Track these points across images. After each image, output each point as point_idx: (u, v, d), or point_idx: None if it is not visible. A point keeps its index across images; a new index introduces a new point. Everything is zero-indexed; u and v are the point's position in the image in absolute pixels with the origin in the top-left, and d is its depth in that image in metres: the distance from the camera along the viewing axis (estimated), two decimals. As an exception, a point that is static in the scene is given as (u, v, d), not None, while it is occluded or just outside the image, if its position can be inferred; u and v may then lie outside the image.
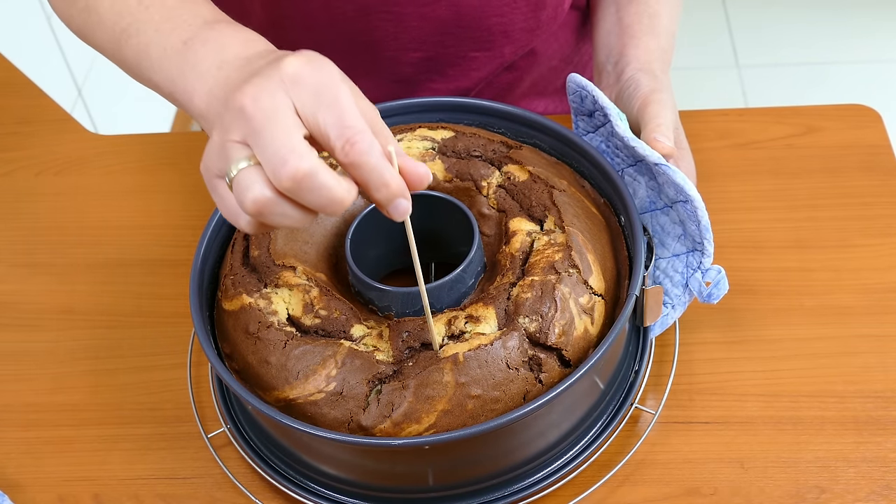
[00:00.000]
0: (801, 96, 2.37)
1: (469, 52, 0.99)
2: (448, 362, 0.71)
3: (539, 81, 1.09)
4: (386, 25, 0.95)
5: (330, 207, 0.60)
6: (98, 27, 0.78)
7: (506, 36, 0.98)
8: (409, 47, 0.98)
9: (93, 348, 0.90)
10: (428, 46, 0.98)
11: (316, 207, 0.61)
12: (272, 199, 0.60)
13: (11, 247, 0.99)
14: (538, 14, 0.97)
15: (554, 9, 0.98)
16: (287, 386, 0.74)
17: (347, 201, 0.61)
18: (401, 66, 1.00)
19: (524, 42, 1.00)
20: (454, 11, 0.94)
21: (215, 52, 0.68)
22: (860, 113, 1.01)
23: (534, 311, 0.73)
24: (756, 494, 0.77)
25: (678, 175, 0.77)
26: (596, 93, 0.82)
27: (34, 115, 1.11)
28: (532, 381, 0.73)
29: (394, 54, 0.98)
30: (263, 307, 0.77)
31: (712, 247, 0.79)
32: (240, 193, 0.61)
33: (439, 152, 0.85)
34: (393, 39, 0.97)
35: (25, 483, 0.82)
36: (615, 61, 0.91)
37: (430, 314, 0.72)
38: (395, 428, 0.71)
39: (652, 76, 0.87)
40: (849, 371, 0.83)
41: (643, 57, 0.90)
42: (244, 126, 0.60)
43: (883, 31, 2.53)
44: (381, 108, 0.89)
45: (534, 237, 0.79)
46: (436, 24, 0.96)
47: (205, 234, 0.82)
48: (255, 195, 0.60)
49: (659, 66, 0.90)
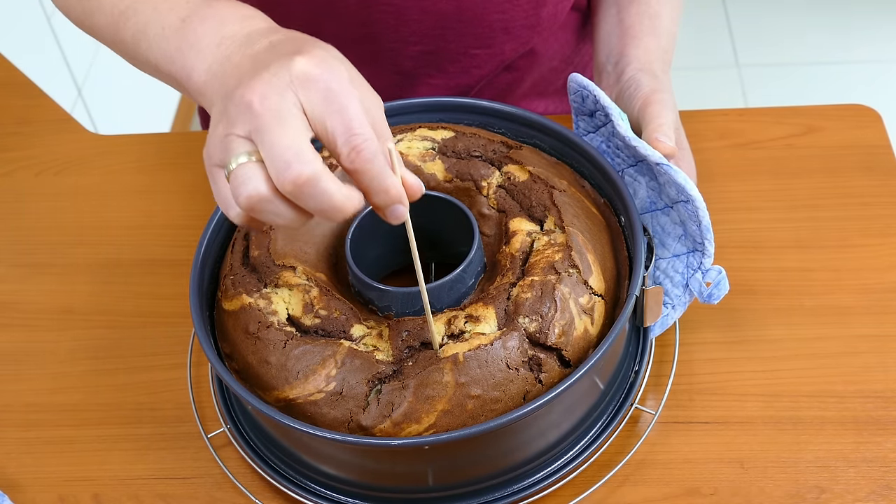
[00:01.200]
0: (801, 96, 2.37)
1: (469, 48, 0.99)
2: (448, 362, 0.71)
3: (539, 82, 1.09)
4: (386, 18, 0.95)
5: (329, 213, 0.61)
6: (97, 11, 0.78)
7: (506, 32, 0.98)
8: (409, 40, 0.98)
9: (93, 348, 0.90)
10: (428, 40, 0.98)
11: (315, 212, 0.61)
12: (267, 196, 0.61)
13: (11, 247, 0.99)
14: (539, 11, 0.97)
15: (555, 6, 0.98)
16: (287, 386, 0.74)
17: (348, 209, 0.61)
18: (401, 59, 1.00)
19: (525, 39, 1.00)
20: (455, 6, 0.94)
21: (214, 29, 0.68)
22: (860, 113, 1.01)
23: (534, 311, 0.73)
24: (756, 494, 0.77)
25: (679, 175, 0.77)
26: (597, 92, 0.82)
27: (34, 115, 1.11)
28: (532, 381, 0.73)
29: (394, 46, 0.98)
30: (263, 307, 0.77)
31: (713, 247, 0.79)
32: (236, 187, 0.61)
33: (439, 152, 0.85)
34: (393, 31, 0.97)
35: (25, 483, 0.82)
36: (615, 61, 0.91)
37: (431, 314, 0.72)
38: (395, 428, 0.71)
39: (653, 76, 0.87)
40: (849, 371, 0.83)
41: (644, 57, 0.90)
42: (250, 122, 0.60)
43: (883, 31, 2.53)
44: None
45: (534, 237, 0.79)
46: (436, 18, 0.96)
47: (205, 234, 0.82)
48: (250, 191, 0.60)
49: (660, 67, 0.90)
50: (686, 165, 0.84)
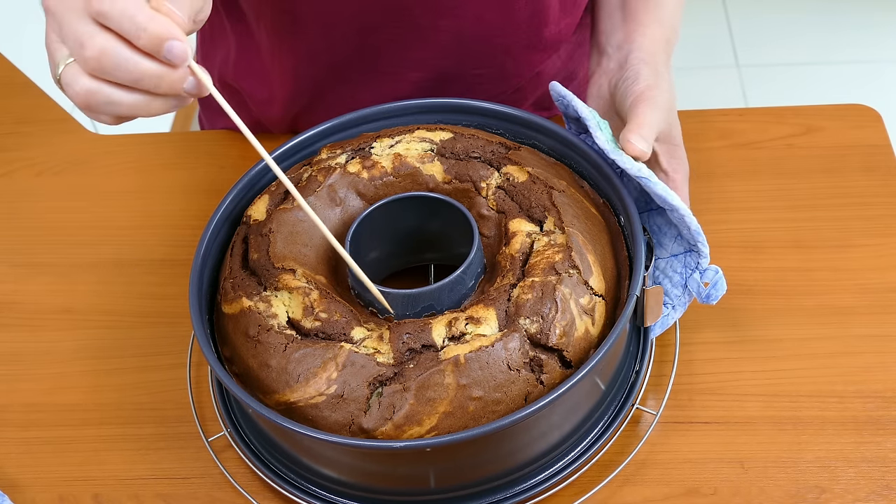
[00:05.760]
0: (801, 96, 2.37)
1: (472, 70, 0.99)
2: (449, 364, 0.71)
3: (543, 98, 1.08)
4: (389, 45, 0.95)
5: (146, 81, 0.62)
6: None
7: (507, 53, 0.98)
8: (410, 67, 0.97)
9: (93, 348, 0.90)
10: (429, 67, 0.98)
11: (133, 83, 0.62)
12: (94, 87, 0.62)
13: (11, 247, 0.99)
14: (541, 32, 0.96)
15: (556, 24, 0.97)
16: (288, 389, 0.73)
17: (164, 73, 0.61)
18: (401, 85, 0.99)
19: (528, 59, 1.00)
20: (455, 35, 0.94)
21: None
22: (860, 113, 1.01)
23: (534, 312, 0.73)
24: (756, 494, 0.77)
25: (658, 186, 0.77)
26: (576, 103, 0.81)
27: (34, 115, 1.11)
28: (533, 382, 0.73)
29: (394, 71, 0.98)
30: (263, 310, 0.77)
31: (707, 248, 0.79)
32: (70, 92, 0.63)
33: (438, 153, 0.85)
34: (393, 61, 0.96)
35: (25, 483, 0.82)
36: (618, 45, 0.90)
37: (372, 284, 0.73)
38: (397, 430, 0.71)
39: (654, 70, 0.86)
40: (849, 371, 0.83)
41: (649, 47, 0.88)
42: (52, 22, 0.63)
43: (883, 31, 2.53)
44: (379, 109, 0.89)
45: (533, 238, 0.78)
46: (439, 48, 0.95)
47: (204, 236, 0.82)
48: (77, 89, 0.62)
49: (662, 59, 0.88)
50: (677, 162, 0.84)
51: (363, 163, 0.84)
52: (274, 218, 0.81)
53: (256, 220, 0.82)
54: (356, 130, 0.90)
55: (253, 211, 0.83)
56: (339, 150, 0.86)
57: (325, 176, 0.83)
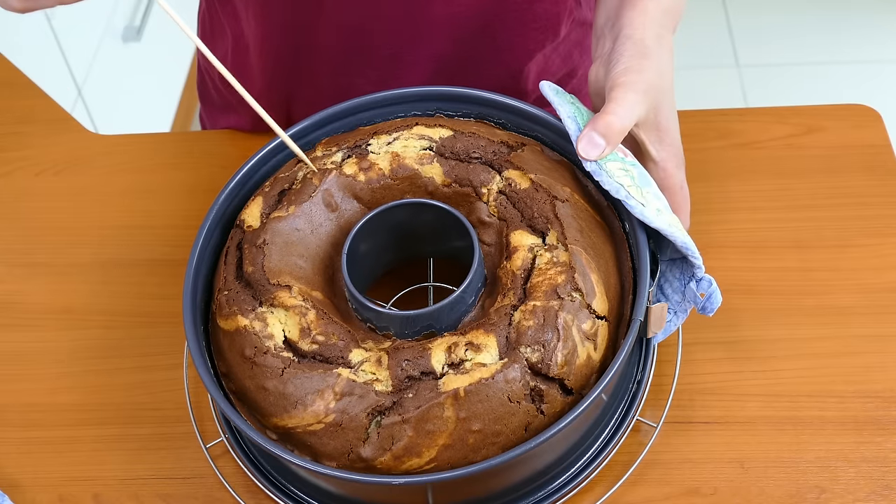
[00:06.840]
0: (801, 96, 2.37)
1: (469, 54, 0.99)
2: (449, 398, 0.70)
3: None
4: (382, 33, 0.95)
5: None
6: None
7: (503, 32, 0.98)
8: (405, 55, 0.97)
9: (93, 348, 0.90)
10: (424, 55, 0.97)
11: None
12: None
13: (11, 247, 0.99)
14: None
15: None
16: (285, 414, 0.72)
17: None
18: (395, 74, 0.99)
19: (525, 48, 1.00)
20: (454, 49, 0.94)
21: None
22: (860, 113, 1.01)
23: (535, 340, 0.71)
24: (756, 494, 0.77)
25: (636, 210, 0.75)
26: (559, 109, 0.80)
27: (34, 115, 1.11)
28: (534, 412, 0.71)
29: (389, 60, 0.98)
30: (259, 330, 0.75)
31: (699, 259, 0.77)
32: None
33: (437, 153, 0.82)
34: (387, 50, 0.96)
35: (25, 483, 0.82)
36: (612, 24, 0.84)
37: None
38: (396, 461, 0.70)
39: (639, 48, 0.79)
40: (849, 371, 0.83)
41: (638, 20, 0.80)
42: None
43: (883, 31, 2.52)
44: (376, 97, 0.86)
45: (535, 252, 0.76)
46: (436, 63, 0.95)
47: (197, 241, 0.80)
48: None
49: (653, 34, 0.80)
50: (668, 148, 0.80)
51: (360, 164, 0.81)
52: (268, 228, 0.79)
53: (251, 227, 0.80)
54: (353, 119, 0.87)
55: (247, 215, 0.81)
56: (334, 146, 0.83)
57: (320, 179, 0.81)
